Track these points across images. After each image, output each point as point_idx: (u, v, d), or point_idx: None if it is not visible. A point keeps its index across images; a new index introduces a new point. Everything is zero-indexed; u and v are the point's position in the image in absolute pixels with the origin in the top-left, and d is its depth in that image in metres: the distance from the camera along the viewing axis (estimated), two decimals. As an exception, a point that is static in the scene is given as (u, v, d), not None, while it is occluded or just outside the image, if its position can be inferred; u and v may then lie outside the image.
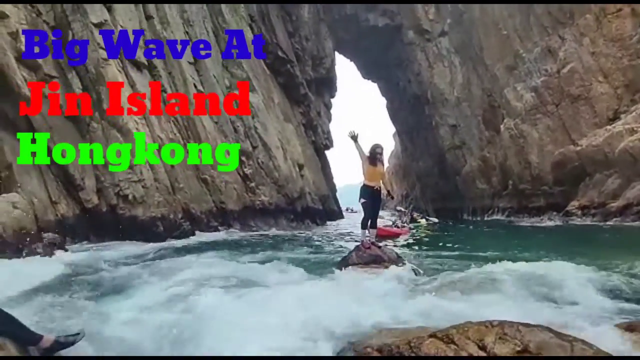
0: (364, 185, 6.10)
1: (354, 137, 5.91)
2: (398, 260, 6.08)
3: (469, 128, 30.87)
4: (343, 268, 5.86)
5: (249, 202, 19.27)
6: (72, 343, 2.83)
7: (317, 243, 13.59)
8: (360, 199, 6.13)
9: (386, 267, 5.65)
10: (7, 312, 2.59)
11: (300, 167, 24.34)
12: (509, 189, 27.10)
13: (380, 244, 6.38)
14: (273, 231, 18.30)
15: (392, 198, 8.17)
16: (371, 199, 6.14)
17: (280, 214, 21.19)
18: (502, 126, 26.82)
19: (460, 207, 33.22)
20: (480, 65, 28.76)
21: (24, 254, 7.67)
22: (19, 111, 13.67)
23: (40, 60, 14.19)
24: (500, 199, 28.45)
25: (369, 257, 6.14)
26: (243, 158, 19.89)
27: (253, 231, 17.97)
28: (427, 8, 31.74)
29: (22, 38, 13.62)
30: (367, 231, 6.16)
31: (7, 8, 13.42)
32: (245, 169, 19.86)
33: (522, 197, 25.48)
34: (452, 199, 33.98)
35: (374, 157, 6.10)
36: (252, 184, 19.87)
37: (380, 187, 6.36)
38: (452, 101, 31.71)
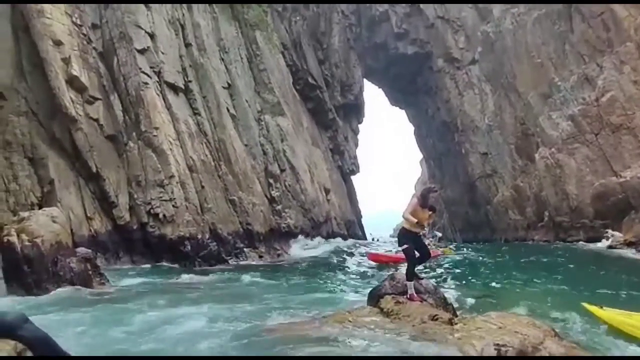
0: (405, 230, 5.25)
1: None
2: (435, 292, 5.65)
3: (501, 156, 30.00)
4: (375, 302, 5.35)
5: (275, 224, 19.22)
6: None
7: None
8: (401, 244, 5.29)
9: (424, 300, 5.25)
10: (42, 331, 2.53)
11: (327, 191, 24.25)
12: (545, 221, 25.75)
13: (421, 277, 5.87)
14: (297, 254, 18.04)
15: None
16: (414, 243, 5.24)
17: (305, 237, 20.97)
18: (536, 155, 25.87)
19: (491, 238, 31.84)
20: (513, 93, 28.21)
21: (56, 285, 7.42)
22: (65, 130, 14.45)
23: (86, 83, 15.08)
24: (535, 231, 27.04)
25: (404, 287, 5.70)
26: (270, 180, 20.03)
27: (278, 254, 17.81)
28: (457, 37, 31.89)
29: (73, 63, 14.56)
30: (414, 283, 5.15)
31: (63, 36, 14.45)
32: (272, 192, 19.94)
33: (560, 229, 24.11)
34: (483, 229, 32.65)
35: (426, 201, 5.32)
36: (279, 207, 19.87)
37: (422, 233, 5.76)
38: (483, 128, 31.07)
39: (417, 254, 5.33)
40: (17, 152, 13.83)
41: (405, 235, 5.29)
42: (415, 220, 5.14)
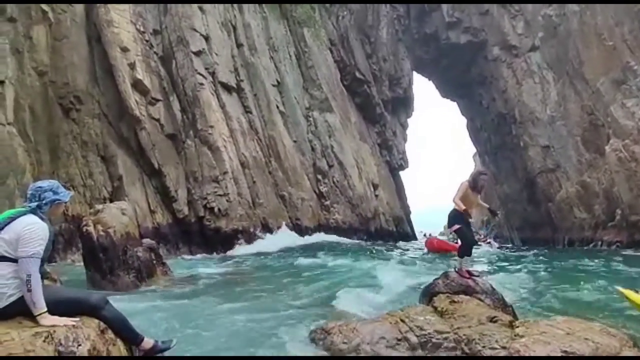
0: (457, 211, 5.40)
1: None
2: (493, 292, 5.44)
3: (565, 149, 27.67)
4: (428, 300, 5.28)
5: (323, 219, 19.43)
6: (167, 348, 3.01)
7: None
8: (453, 225, 5.46)
9: (480, 300, 5.05)
10: (120, 313, 2.80)
11: (375, 187, 24.00)
12: (617, 220, 23.42)
13: (477, 273, 5.73)
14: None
15: (496, 215, 7.08)
16: (465, 225, 5.44)
17: (353, 233, 20.97)
18: (607, 147, 23.54)
19: (553, 237, 29.56)
20: (579, 81, 25.87)
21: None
22: (131, 130, 15.69)
23: (149, 86, 16.23)
24: (605, 231, 24.68)
25: (458, 286, 5.54)
26: (319, 176, 20.25)
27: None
28: (514, 23, 29.83)
29: (138, 67, 15.74)
30: (464, 259, 5.56)
31: (129, 43, 15.67)
32: (320, 187, 20.16)
33: (635, 230, 21.81)
34: (543, 228, 30.41)
35: (476, 184, 5.46)
36: (327, 202, 20.04)
37: (471, 217, 5.78)
38: (545, 120, 28.84)
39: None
40: (92, 151, 15.28)
41: (456, 216, 5.42)
42: (464, 207, 5.29)
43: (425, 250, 16.07)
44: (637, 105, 21.02)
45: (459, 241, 6.14)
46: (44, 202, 2.68)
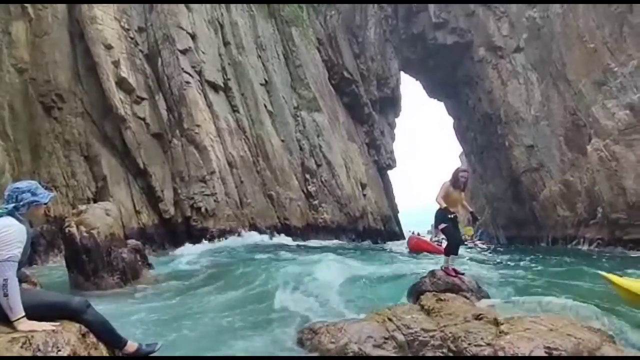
0: (442, 210, 5.48)
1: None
2: (479, 290, 5.52)
3: (548, 149, 28.27)
4: (415, 298, 5.35)
5: (311, 219, 19.42)
6: (152, 352, 2.95)
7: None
8: (439, 224, 5.56)
9: (466, 298, 5.12)
10: (102, 316, 2.74)
11: (363, 186, 24.10)
12: (598, 218, 24.03)
13: (462, 272, 5.81)
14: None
15: (477, 220, 7.06)
16: (452, 224, 5.55)
17: (342, 232, 21.02)
18: (589, 147, 24.13)
19: (537, 235, 30.18)
20: (562, 82, 26.44)
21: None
22: (115, 129, 15.39)
23: (133, 84, 15.95)
24: (587, 229, 25.31)
25: (445, 284, 5.63)
26: (307, 176, 20.22)
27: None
28: (500, 24, 30.33)
29: (122, 65, 15.45)
30: (450, 258, 5.63)
31: (113, 40, 15.36)
32: (309, 187, 20.14)
33: (616, 227, 22.40)
34: (528, 226, 31.00)
35: (457, 180, 5.57)
36: (315, 202, 20.04)
37: (457, 214, 5.85)
38: (529, 120, 29.40)
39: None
40: (75, 151, 14.93)
41: (442, 215, 5.50)
42: (445, 205, 5.40)
43: (407, 249, 16.07)
44: (617, 106, 21.60)
45: (444, 242, 6.24)
46: (21, 203, 2.60)
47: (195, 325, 4.71)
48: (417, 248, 14.18)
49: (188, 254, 12.20)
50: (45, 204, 2.75)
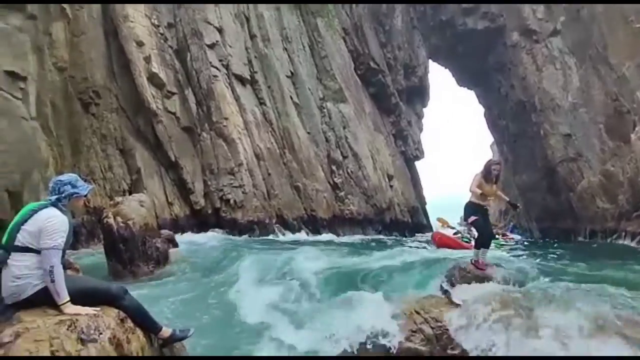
0: (473, 202, 5.41)
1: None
2: (511, 281, 5.36)
3: (587, 137, 26.77)
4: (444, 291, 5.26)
5: (338, 211, 19.44)
6: (185, 337, 3.08)
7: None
8: (469, 216, 5.46)
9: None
10: (139, 303, 2.88)
11: (390, 177, 23.81)
12: (642, 210, 22.61)
13: (492, 265, 5.67)
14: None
15: (517, 208, 6.70)
16: (482, 217, 5.43)
17: (368, 224, 20.92)
18: (632, 135, 22.67)
19: (574, 228, 28.78)
20: (604, 66, 24.86)
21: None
22: (148, 123, 15.95)
23: (164, 79, 16.43)
24: (629, 222, 23.90)
25: (475, 277, 5.51)
26: (333, 167, 20.20)
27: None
28: (534, 7, 28.78)
29: (153, 61, 15.92)
30: (481, 251, 5.49)
31: (144, 37, 15.84)
32: (335, 178, 20.12)
33: (661, 220, 21.03)
34: (564, 218, 29.61)
35: (489, 173, 5.43)
36: (342, 193, 20.01)
37: (489, 206, 5.69)
38: (566, 107, 27.89)
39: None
40: (111, 145, 15.62)
41: (472, 207, 5.43)
42: (480, 192, 5.32)
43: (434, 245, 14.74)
44: (666, 91, 20.10)
45: (473, 238, 6.09)
46: (63, 195, 2.77)
47: (224, 312, 4.86)
48: (442, 244, 13.63)
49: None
50: (85, 195, 2.91)
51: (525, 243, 22.19)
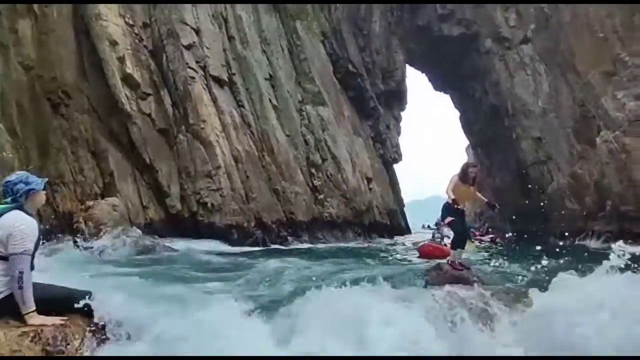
0: (449, 204, 5.48)
1: None
2: (487, 282, 5.49)
3: (557, 141, 27.92)
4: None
5: (317, 213, 19.43)
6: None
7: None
8: (445, 217, 5.59)
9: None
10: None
11: (369, 180, 24.04)
12: (607, 210, 23.78)
13: (468, 266, 5.80)
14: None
15: (495, 208, 6.92)
16: (459, 218, 5.54)
17: (347, 227, 21.01)
18: (598, 139, 23.80)
19: (545, 229, 29.90)
20: (571, 73, 26.00)
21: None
22: (121, 125, 15.47)
23: (139, 80, 15.99)
24: (595, 222, 25.04)
25: (452, 277, 5.61)
26: (313, 170, 20.20)
27: (321, 243, 18.00)
28: (507, 15, 29.85)
29: (127, 62, 15.48)
30: (457, 251, 5.60)
31: (117, 36, 15.39)
32: (314, 181, 20.12)
33: (625, 220, 22.13)
34: (536, 219, 30.70)
35: (466, 175, 5.54)
36: (321, 196, 20.03)
37: (464, 209, 5.82)
38: (537, 112, 29.01)
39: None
40: (82, 147, 15.05)
41: (449, 209, 5.50)
42: (454, 197, 5.39)
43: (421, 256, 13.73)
44: (628, 97, 21.23)
45: (447, 237, 6.21)
46: (17, 194, 2.63)
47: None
48: (429, 254, 12.44)
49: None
50: (42, 190, 2.76)
51: (500, 246, 22.81)
